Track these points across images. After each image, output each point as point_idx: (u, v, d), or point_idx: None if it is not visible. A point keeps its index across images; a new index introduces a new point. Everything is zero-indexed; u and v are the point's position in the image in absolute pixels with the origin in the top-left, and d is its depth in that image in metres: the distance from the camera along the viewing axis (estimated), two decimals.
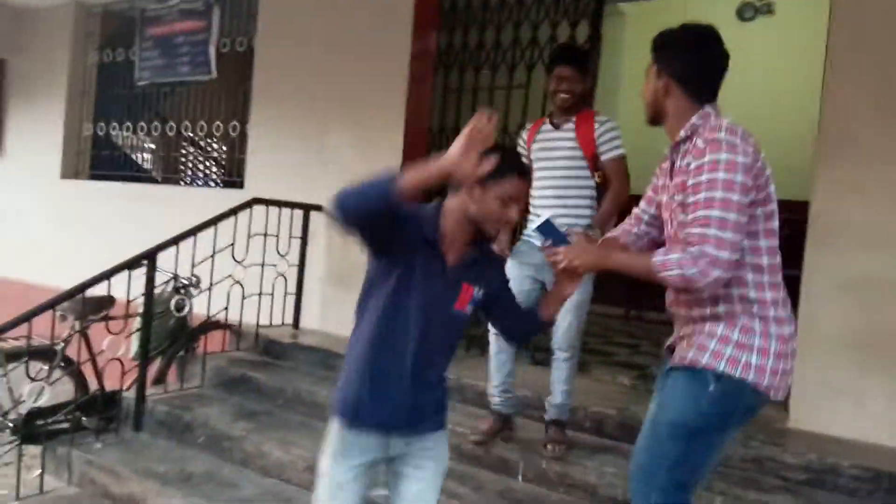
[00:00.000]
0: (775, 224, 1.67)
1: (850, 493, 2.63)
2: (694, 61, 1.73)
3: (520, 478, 2.93)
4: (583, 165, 2.83)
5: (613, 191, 2.80)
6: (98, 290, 3.47)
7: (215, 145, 6.16)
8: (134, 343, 3.77)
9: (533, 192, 2.88)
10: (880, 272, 2.98)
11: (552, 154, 2.88)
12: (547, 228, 1.77)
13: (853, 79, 3.08)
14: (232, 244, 3.96)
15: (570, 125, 2.86)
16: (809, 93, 3.25)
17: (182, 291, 3.95)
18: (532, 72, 4.27)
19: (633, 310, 6.49)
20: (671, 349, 1.84)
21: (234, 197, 4.33)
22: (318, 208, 4.56)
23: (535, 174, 2.87)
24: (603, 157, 2.81)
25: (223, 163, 6.16)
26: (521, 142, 3.04)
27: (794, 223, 3.01)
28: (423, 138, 4.54)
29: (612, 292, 6.12)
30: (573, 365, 2.89)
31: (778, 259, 1.69)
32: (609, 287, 5.96)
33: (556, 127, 2.89)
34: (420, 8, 4.36)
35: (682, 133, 1.70)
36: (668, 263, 1.59)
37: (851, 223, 3.01)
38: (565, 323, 2.82)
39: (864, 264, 3.00)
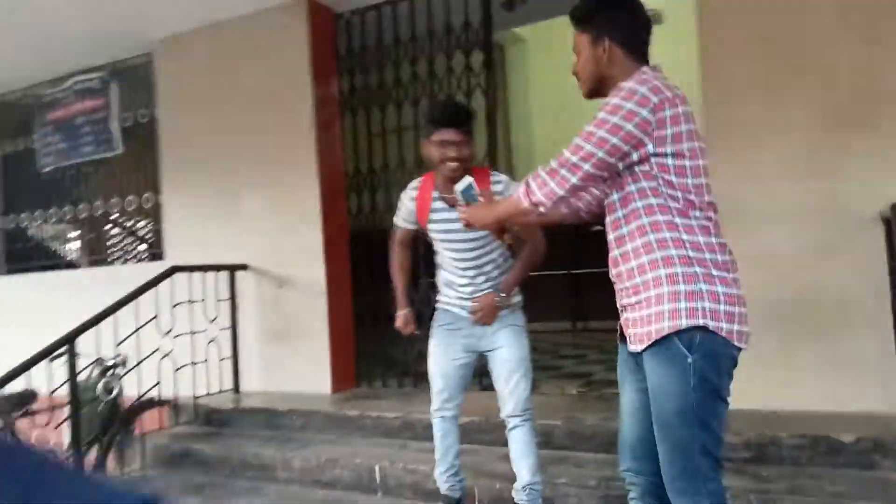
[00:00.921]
0: (699, 173, 1.68)
1: (794, 462, 2.70)
2: (632, 21, 1.79)
3: None
4: (489, 236, 2.46)
5: (529, 252, 2.51)
6: (20, 385, 3.31)
7: (132, 221, 6.01)
8: (67, 434, 3.60)
9: (445, 269, 2.63)
10: (783, 245, 3.11)
11: (455, 235, 2.50)
12: (468, 192, 1.99)
13: (725, 66, 3.25)
14: (155, 316, 3.85)
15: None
16: (693, 94, 3.42)
17: (109, 373, 3.80)
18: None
19: (578, 321, 6.57)
20: (622, 335, 1.83)
21: (157, 269, 4.22)
22: (243, 267, 4.50)
23: (443, 252, 2.60)
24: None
25: (143, 237, 6.01)
26: (406, 207, 2.65)
27: None
28: (340, 182, 4.55)
29: (558, 307, 6.21)
30: (530, 429, 2.53)
31: (706, 202, 1.69)
32: (554, 302, 6.08)
33: (451, 204, 2.46)
34: (316, 57, 4.41)
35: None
36: (522, 189, 1.77)
37: (748, 200, 3.13)
38: (511, 384, 2.51)
39: (768, 239, 3.13)
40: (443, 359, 2.61)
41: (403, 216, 2.68)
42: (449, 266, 2.60)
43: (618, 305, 1.82)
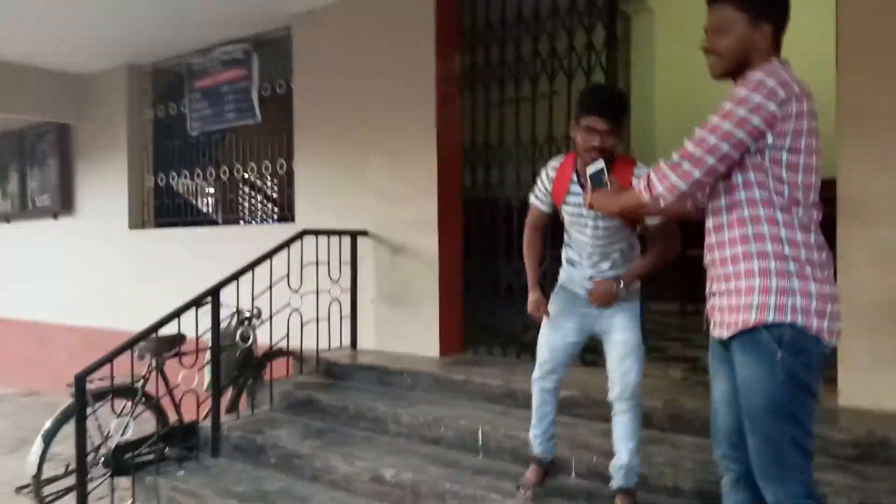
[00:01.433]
0: (810, 171, 1.70)
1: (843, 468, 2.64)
2: (788, 8, 1.80)
3: (573, 474, 3.04)
4: (621, 226, 2.53)
5: (660, 250, 2.49)
6: (170, 329, 3.77)
7: (267, 184, 6.50)
8: (206, 375, 4.06)
9: (573, 248, 2.68)
10: None
11: (588, 220, 2.54)
12: (598, 176, 2.11)
13: (866, 51, 3.09)
14: (287, 275, 4.22)
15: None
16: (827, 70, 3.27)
17: (246, 323, 4.23)
18: (553, 82, 4.39)
19: (688, 304, 6.46)
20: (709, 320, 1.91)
21: (287, 231, 4.61)
22: (364, 234, 4.80)
23: (573, 233, 2.65)
24: (647, 221, 2.46)
25: (275, 200, 6.49)
26: (543, 185, 2.69)
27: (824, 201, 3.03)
28: (457, 155, 4.72)
29: (667, 288, 6.14)
30: (636, 416, 2.59)
31: (811, 202, 1.71)
32: (663, 283, 6.01)
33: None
34: (440, 32, 4.56)
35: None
36: (644, 182, 1.84)
37: (879, 194, 3.01)
38: (623, 369, 2.56)
39: (892, 236, 2.99)
40: (554, 332, 2.69)
41: (540, 195, 2.71)
42: (576, 246, 2.66)
43: (707, 291, 1.89)
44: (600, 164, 2.13)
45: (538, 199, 2.73)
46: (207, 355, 3.97)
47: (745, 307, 1.71)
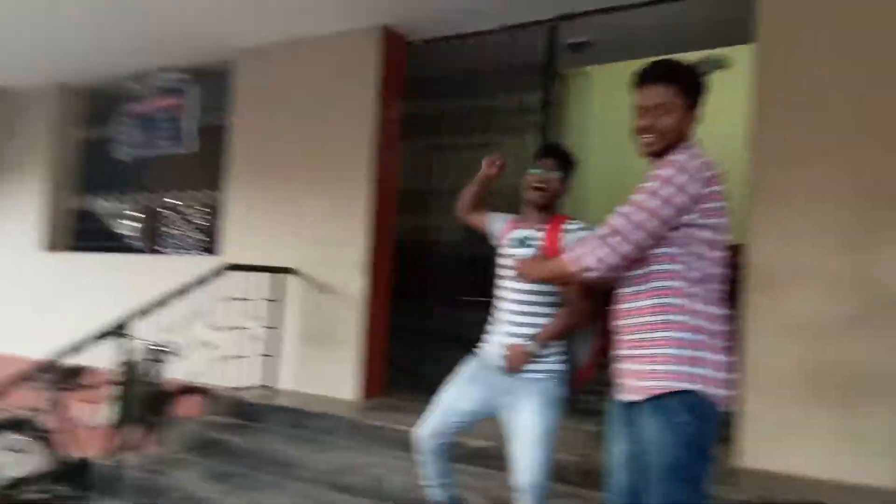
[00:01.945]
0: (720, 248, 1.80)
1: None
2: (703, 93, 1.87)
3: None
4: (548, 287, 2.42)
5: (567, 312, 2.38)
6: (74, 360, 3.59)
7: (195, 215, 6.35)
8: (110, 411, 3.86)
9: (499, 301, 2.53)
10: (818, 311, 3.15)
11: (512, 277, 2.41)
12: (524, 242, 2.23)
13: (779, 130, 3.32)
14: (206, 310, 4.10)
15: (541, 234, 2.45)
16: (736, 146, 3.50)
17: (157, 358, 4.06)
18: (490, 135, 4.51)
19: (603, 356, 6.58)
20: (614, 382, 1.92)
21: (211, 263, 4.50)
22: (291, 271, 4.73)
23: (501, 287, 2.53)
24: None
25: (203, 231, 6.34)
26: (500, 218, 2.65)
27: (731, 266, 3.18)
28: (392, 200, 4.75)
29: None
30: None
31: (718, 274, 1.80)
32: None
33: (523, 237, 2.49)
34: (384, 80, 4.64)
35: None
36: (571, 255, 1.88)
37: (787, 266, 3.19)
38: (528, 458, 2.32)
39: (803, 303, 3.16)
40: (457, 392, 2.49)
41: (494, 217, 2.66)
42: (499, 303, 2.52)
43: (614, 354, 1.91)
44: (527, 232, 2.14)
45: (490, 217, 2.67)
46: (113, 389, 3.78)
47: (656, 374, 1.76)
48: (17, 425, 3.54)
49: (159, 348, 4.04)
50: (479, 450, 3.38)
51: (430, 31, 4.66)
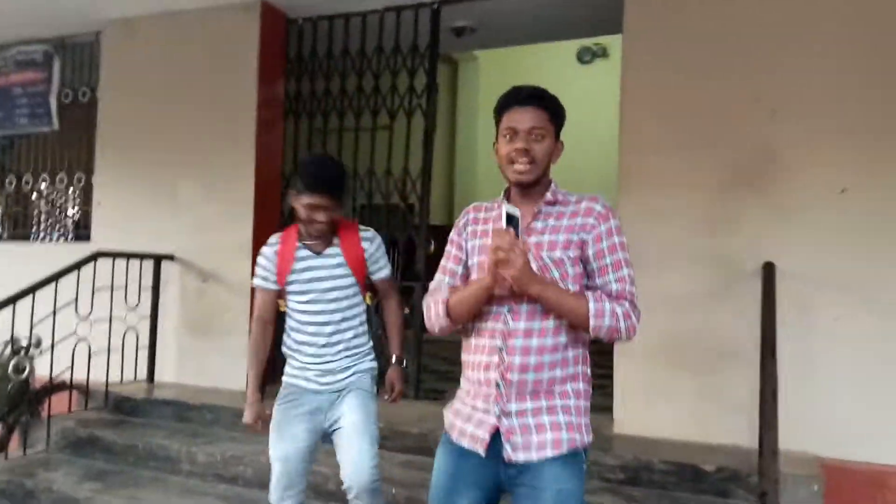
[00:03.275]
0: None
1: (661, 486, 2.95)
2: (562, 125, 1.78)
3: None
4: (357, 291, 2.42)
5: (393, 312, 2.51)
6: None
7: (62, 199, 5.92)
8: None
9: (296, 333, 2.42)
10: (681, 284, 3.39)
11: (320, 285, 2.36)
12: (514, 222, 1.63)
13: (644, 122, 3.53)
14: (76, 299, 3.86)
15: (335, 248, 2.38)
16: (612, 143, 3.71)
17: (21, 353, 3.79)
18: (376, 118, 4.49)
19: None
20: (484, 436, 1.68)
21: (81, 250, 4.23)
22: (169, 258, 4.53)
23: (298, 313, 2.39)
24: (375, 277, 2.46)
25: (70, 216, 5.92)
26: (267, 261, 2.42)
27: None
28: (276, 183, 4.63)
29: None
30: (376, 502, 2.33)
31: None
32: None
33: (318, 252, 2.38)
34: (264, 58, 4.50)
35: (551, 195, 1.74)
36: (603, 312, 1.62)
37: (651, 245, 3.40)
38: (354, 452, 2.29)
39: (668, 278, 3.40)
40: (282, 441, 2.36)
41: (264, 273, 2.42)
42: (302, 330, 2.39)
43: (498, 408, 1.67)
44: (517, 210, 1.65)
45: (265, 280, 2.43)
46: None
47: (575, 426, 1.66)
48: None
49: (25, 343, 3.78)
50: None
51: (312, 9, 4.56)
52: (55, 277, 3.78)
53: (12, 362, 3.71)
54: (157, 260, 4.47)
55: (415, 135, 4.38)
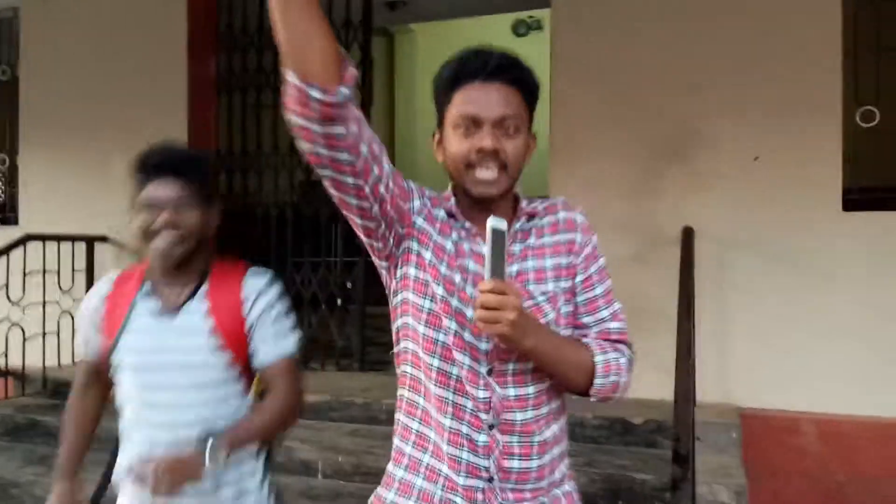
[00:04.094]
0: None
1: (594, 440, 3.15)
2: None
3: (319, 475, 3.13)
4: (232, 376, 1.51)
5: (277, 402, 1.49)
6: None
7: None
8: None
9: (133, 424, 1.52)
10: (609, 249, 3.54)
11: (166, 360, 1.48)
12: (500, 242, 1.09)
13: (570, 92, 3.66)
14: (6, 284, 3.77)
15: (200, 303, 1.52)
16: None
17: None
18: None
19: None
20: None
21: (9, 235, 4.11)
22: (103, 239, 4.45)
23: (135, 395, 1.51)
24: (260, 359, 1.50)
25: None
26: (87, 321, 1.60)
27: None
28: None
29: None
30: None
31: None
32: None
33: (171, 307, 1.52)
34: (194, 31, 4.42)
35: (529, 205, 1.27)
36: (612, 366, 1.22)
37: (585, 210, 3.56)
38: None
39: (599, 246, 3.56)
40: None
41: (83, 334, 1.61)
42: (141, 419, 1.50)
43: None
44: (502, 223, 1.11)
45: (84, 344, 1.61)
46: None
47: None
48: None
49: None
50: (316, 403, 3.47)
51: None
52: None
53: None
54: (90, 241, 4.38)
55: None
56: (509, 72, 1.18)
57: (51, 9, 4.67)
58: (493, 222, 1.07)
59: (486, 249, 1.08)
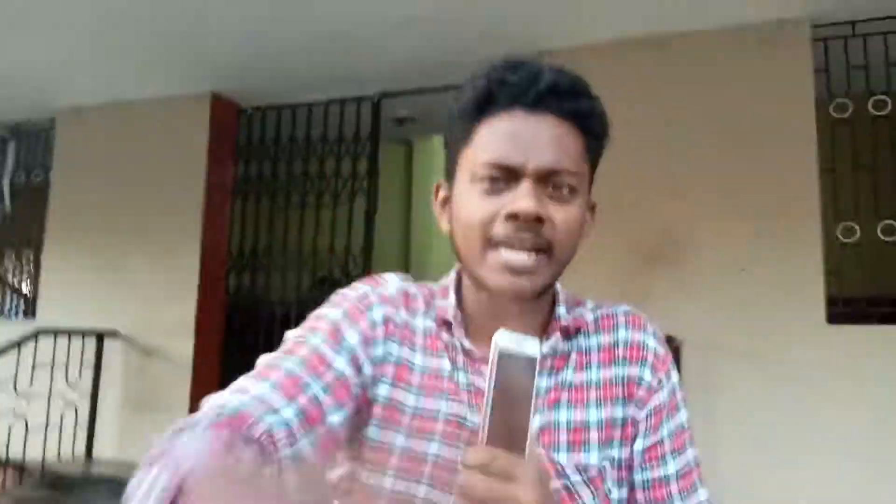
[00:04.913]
0: None
1: None
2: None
3: None
4: None
5: None
6: None
7: (13, 277, 5.98)
8: None
9: None
10: None
11: None
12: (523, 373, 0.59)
13: None
14: (14, 377, 3.91)
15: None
16: None
17: None
18: (321, 199, 4.74)
19: None
20: None
21: (24, 328, 4.30)
22: (113, 334, 4.61)
23: None
24: None
25: (21, 294, 5.97)
26: None
27: None
28: (222, 260, 4.81)
29: None
30: None
31: None
32: None
33: None
34: (214, 144, 4.75)
35: (571, 311, 0.89)
36: None
37: None
38: None
39: None
40: None
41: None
42: None
43: None
44: (534, 342, 0.59)
45: None
46: None
47: None
48: None
49: None
50: None
51: (261, 100, 4.86)
52: None
53: None
54: (100, 336, 4.55)
55: (358, 215, 4.64)
56: (569, 99, 0.75)
57: (82, 122, 5.07)
58: (506, 340, 0.58)
59: (486, 387, 0.59)
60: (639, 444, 0.80)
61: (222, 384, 2.64)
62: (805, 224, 3.50)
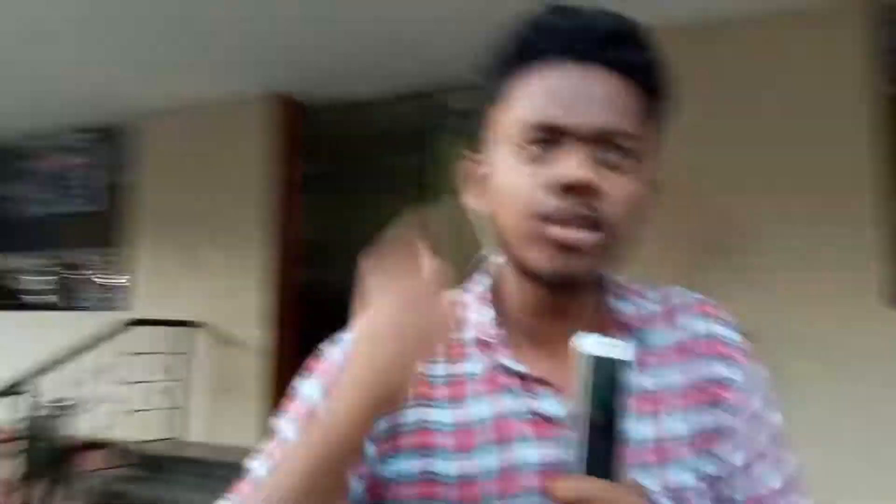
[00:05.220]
0: None
1: None
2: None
3: None
4: None
5: None
6: None
7: (103, 271, 6.43)
8: (13, 466, 3.93)
9: None
10: None
11: None
12: (617, 377, 0.53)
13: None
14: (113, 364, 4.25)
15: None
16: None
17: (63, 413, 4.17)
18: (387, 192, 4.89)
19: None
20: None
21: (120, 318, 4.66)
22: (198, 324, 4.93)
23: None
24: None
25: (113, 287, 6.42)
26: None
27: None
28: (297, 252, 5.05)
29: None
30: None
31: None
32: None
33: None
34: (282, 141, 4.99)
35: (626, 302, 0.75)
36: None
37: None
38: None
39: None
40: None
41: None
42: None
43: None
44: (622, 345, 0.54)
45: None
46: (16, 445, 3.87)
47: None
48: None
49: (63, 403, 4.17)
50: None
51: (325, 98, 5.05)
52: (94, 344, 4.20)
53: (54, 422, 4.10)
54: (187, 326, 4.88)
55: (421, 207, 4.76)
56: (629, 51, 0.65)
57: (163, 124, 5.41)
58: (593, 347, 0.53)
59: (575, 409, 0.52)
60: (737, 458, 0.66)
61: (301, 368, 2.73)
62: (862, 210, 3.41)
